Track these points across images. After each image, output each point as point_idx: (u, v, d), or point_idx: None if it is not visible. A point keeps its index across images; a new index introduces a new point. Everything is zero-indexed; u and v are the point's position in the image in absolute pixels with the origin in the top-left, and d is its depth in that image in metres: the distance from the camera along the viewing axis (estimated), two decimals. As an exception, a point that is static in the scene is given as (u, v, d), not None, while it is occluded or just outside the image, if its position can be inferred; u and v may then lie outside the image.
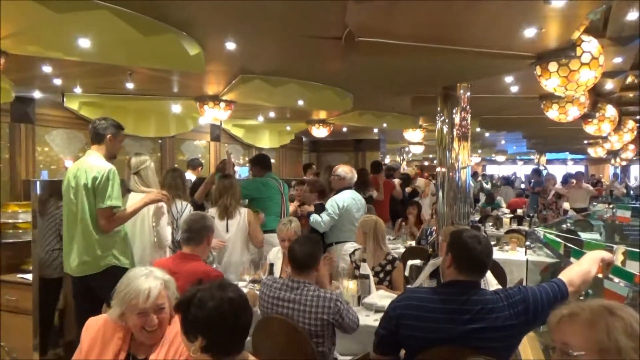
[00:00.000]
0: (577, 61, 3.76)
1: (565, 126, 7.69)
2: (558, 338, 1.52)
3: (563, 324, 1.52)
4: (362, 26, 3.16)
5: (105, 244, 3.58)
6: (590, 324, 1.48)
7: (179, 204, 4.49)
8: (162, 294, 2.10)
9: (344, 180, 5.33)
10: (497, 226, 8.42)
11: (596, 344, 1.45)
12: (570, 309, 1.54)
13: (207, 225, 3.23)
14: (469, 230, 2.54)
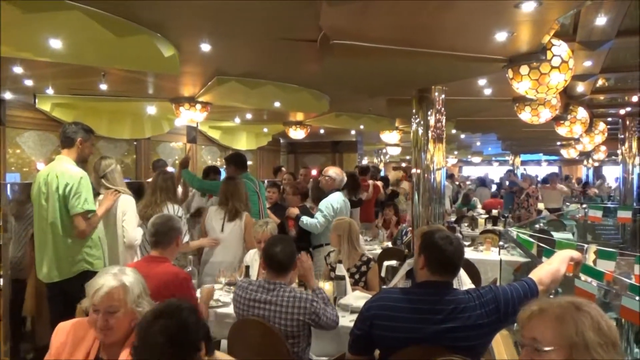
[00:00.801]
0: (547, 64, 3.84)
1: (538, 128, 7.84)
2: (528, 334, 1.54)
3: (532, 320, 1.54)
4: (337, 29, 3.18)
5: (77, 249, 3.55)
6: (559, 320, 1.51)
7: (170, 207, 4.43)
8: (114, 295, 2.01)
9: (334, 181, 5.37)
10: (472, 227, 8.54)
11: (565, 339, 1.48)
12: (539, 305, 1.57)
13: (175, 226, 3.17)
14: (441, 231, 2.58)
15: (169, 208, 4.41)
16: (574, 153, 13.61)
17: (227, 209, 4.64)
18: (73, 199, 3.50)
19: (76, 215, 3.52)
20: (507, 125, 8.97)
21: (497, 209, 10.76)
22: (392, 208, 6.99)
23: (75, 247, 3.57)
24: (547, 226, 9.06)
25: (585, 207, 10.75)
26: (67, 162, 3.62)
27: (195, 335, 1.67)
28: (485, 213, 10.54)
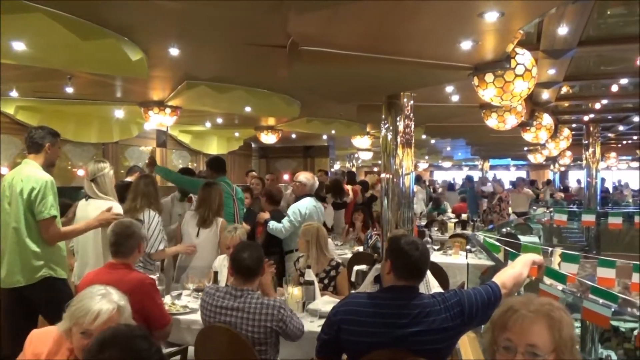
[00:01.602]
0: (511, 73, 3.93)
1: (506, 134, 8.00)
2: (522, 340, 1.51)
3: (526, 323, 1.52)
4: (305, 36, 3.21)
5: (41, 254, 3.48)
6: (551, 322, 1.52)
7: (146, 213, 4.34)
8: (112, 318, 1.98)
9: (305, 187, 5.37)
10: (442, 231, 8.65)
11: (555, 341, 1.51)
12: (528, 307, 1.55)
13: (136, 233, 3.11)
14: (407, 237, 2.61)
15: (146, 214, 4.33)
16: (541, 158, 13.92)
17: (200, 214, 4.64)
18: (40, 204, 3.43)
19: (43, 220, 3.45)
20: (475, 131, 9.13)
21: (466, 213, 10.95)
22: (362, 212, 7.03)
23: (39, 253, 3.48)
24: (514, 230, 9.25)
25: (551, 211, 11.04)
26: (34, 167, 3.55)
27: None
28: (455, 217, 10.69)
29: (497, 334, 1.56)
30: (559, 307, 1.55)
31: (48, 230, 3.47)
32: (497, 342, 1.57)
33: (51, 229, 3.48)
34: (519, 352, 1.50)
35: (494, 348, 1.59)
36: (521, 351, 1.49)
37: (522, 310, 1.54)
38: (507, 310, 1.56)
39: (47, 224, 3.47)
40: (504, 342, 1.53)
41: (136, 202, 4.36)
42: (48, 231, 3.47)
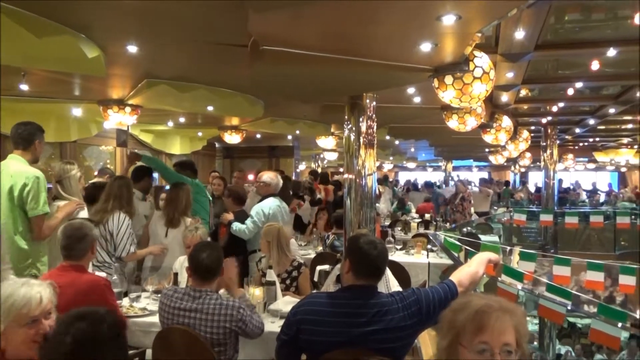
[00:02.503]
0: (470, 75, 4.00)
1: (467, 135, 8.15)
2: (498, 340, 1.50)
3: (499, 323, 1.52)
4: (266, 35, 3.20)
5: (29, 253, 3.47)
6: (516, 319, 1.54)
7: (116, 216, 4.28)
8: (52, 299, 2.02)
9: (269, 186, 5.35)
10: (405, 230, 8.73)
11: (520, 337, 1.53)
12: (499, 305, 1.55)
13: (89, 234, 3.07)
14: (366, 236, 2.64)
15: (115, 217, 4.28)
16: (501, 159, 14.25)
17: (167, 214, 4.65)
18: (32, 201, 3.43)
19: (36, 217, 3.46)
20: (437, 132, 9.27)
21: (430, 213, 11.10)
22: (326, 212, 7.05)
23: (27, 251, 3.49)
24: (475, 229, 9.44)
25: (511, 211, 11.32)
26: (22, 163, 3.55)
27: (105, 354, 1.58)
28: (418, 217, 10.83)
29: (468, 338, 1.52)
30: (514, 302, 1.60)
31: (40, 226, 3.49)
32: (467, 347, 1.52)
33: (43, 225, 3.51)
34: (496, 353, 1.48)
35: (455, 352, 1.54)
36: (497, 352, 1.49)
37: (497, 311, 1.53)
38: (477, 312, 1.53)
39: (39, 220, 3.48)
40: (479, 346, 1.50)
41: (108, 204, 4.32)
42: (40, 228, 3.49)
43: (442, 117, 6.46)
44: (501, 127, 8.08)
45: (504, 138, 8.43)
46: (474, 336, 1.51)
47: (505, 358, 1.48)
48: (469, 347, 1.52)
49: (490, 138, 8.24)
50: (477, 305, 1.55)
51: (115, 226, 4.25)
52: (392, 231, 8.19)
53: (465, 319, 1.54)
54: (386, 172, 24.88)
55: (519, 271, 3.91)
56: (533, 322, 6.45)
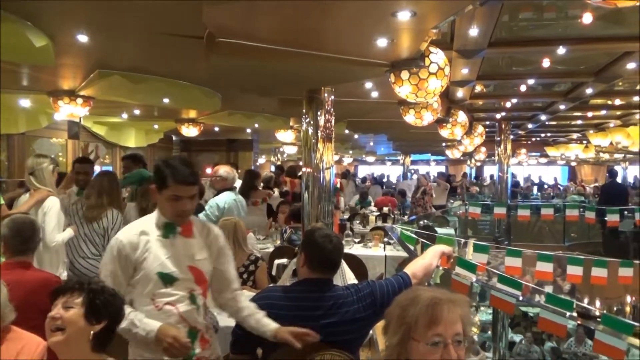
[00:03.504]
0: (425, 71, 4.06)
1: (424, 129, 8.26)
2: (450, 330, 1.52)
3: (451, 314, 1.52)
4: (221, 27, 3.16)
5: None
6: (463, 308, 1.56)
7: (109, 214, 4.29)
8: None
9: (225, 181, 5.28)
10: (363, 224, 8.81)
11: (466, 325, 1.55)
12: (448, 298, 1.56)
13: (37, 229, 3.01)
14: (321, 230, 2.66)
15: (109, 214, 4.30)
16: (458, 153, 14.54)
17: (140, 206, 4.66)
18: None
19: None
20: (395, 127, 9.37)
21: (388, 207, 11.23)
22: (287, 205, 7.03)
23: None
24: (432, 222, 9.62)
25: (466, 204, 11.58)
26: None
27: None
28: (377, 210, 10.94)
29: (421, 331, 1.52)
30: (469, 294, 1.63)
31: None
32: (420, 340, 1.52)
33: (2, 214, 3.48)
34: (449, 344, 1.49)
35: (407, 348, 1.54)
36: (450, 342, 1.50)
37: (447, 303, 1.54)
38: (429, 305, 1.53)
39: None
40: (433, 338, 1.51)
41: (102, 199, 4.30)
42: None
43: (399, 112, 6.53)
44: (457, 122, 8.24)
45: (460, 133, 8.60)
46: (427, 329, 1.51)
47: (456, 347, 1.50)
48: (422, 340, 1.51)
49: (447, 133, 8.39)
50: (427, 298, 1.55)
51: (110, 223, 4.28)
52: (350, 224, 8.26)
53: (417, 313, 1.53)
54: (346, 165, 25.03)
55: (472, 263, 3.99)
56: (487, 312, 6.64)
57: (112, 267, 2.26)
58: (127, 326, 2.11)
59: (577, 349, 7.43)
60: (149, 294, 2.25)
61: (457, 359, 1.50)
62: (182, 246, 2.34)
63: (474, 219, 11.68)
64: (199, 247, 2.39)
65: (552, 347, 7.67)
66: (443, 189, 12.82)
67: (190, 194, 2.29)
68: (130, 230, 2.33)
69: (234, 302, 2.50)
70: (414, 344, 1.53)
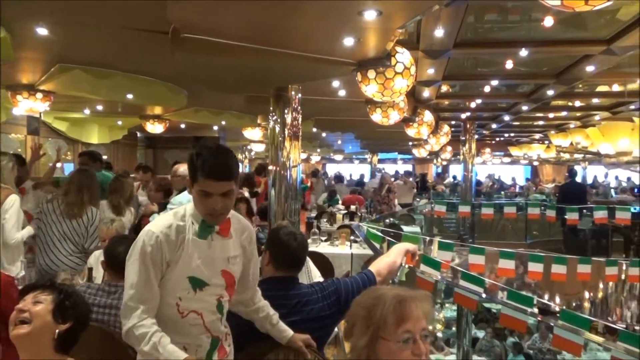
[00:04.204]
0: (391, 70, 4.10)
1: (390, 128, 8.33)
2: (418, 326, 1.53)
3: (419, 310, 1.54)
4: (186, 23, 3.11)
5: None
6: (429, 305, 1.58)
7: (89, 212, 4.30)
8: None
9: (186, 179, 5.19)
10: (331, 222, 8.84)
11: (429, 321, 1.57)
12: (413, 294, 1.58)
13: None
14: (286, 228, 2.66)
15: (89, 212, 4.30)
16: (424, 152, 14.72)
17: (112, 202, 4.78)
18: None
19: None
20: (362, 125, 9.42)
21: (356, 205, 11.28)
22: (245, 202, 6.94)
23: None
24: (398, 220, 9.71)
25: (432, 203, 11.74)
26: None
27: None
28: (344, 208, 10.98)
29: (391, 329, 1.52)
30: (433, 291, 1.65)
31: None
32: (390, 339, 1.52)
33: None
34: (418, 340, 1.51)
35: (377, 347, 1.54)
36: (419, 337, 1.51)
37: (413, 300, 1.55)
38: (397, 303, 1.54)
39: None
40: (404, 335, 1.51)
41: (82, 196, 4.28)
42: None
43: (366, 111, 6.57)
44: (423, 122, 8.33)
45: (426, 132, 8.71)
46: (396, 327, 1.52)
47: (424, 342, 1.52)
48: (392, 339, 1.52)
49: (413, 132, 8.48)
50: (392, 296, 1.56)
51: (90, 220, 4.29)
52: (317, 222, 8.28)
53: (385, 312, 1.53)
54: (314, 163, 25.05)
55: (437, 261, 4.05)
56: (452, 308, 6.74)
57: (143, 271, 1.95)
58: (149, 350, 1.90)
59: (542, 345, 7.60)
60: (175, 298, 2.01)
61: (425, 353, 1.52)
62: (219, 248, 2.10)
63: (439, 217, 11.86)
64: (234, 249, 2.16)
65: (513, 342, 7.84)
66: (410, 188, 12.95)
67: (222, 191, 1.99)
68: (165, 222, 2.04)
69: (252, 302, 2.34)
70: (383, 343, 1.53)
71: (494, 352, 7.70)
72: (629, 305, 8.98)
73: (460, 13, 4.34)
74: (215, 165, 1.99)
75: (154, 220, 2.13)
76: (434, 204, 10.61)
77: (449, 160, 20.15)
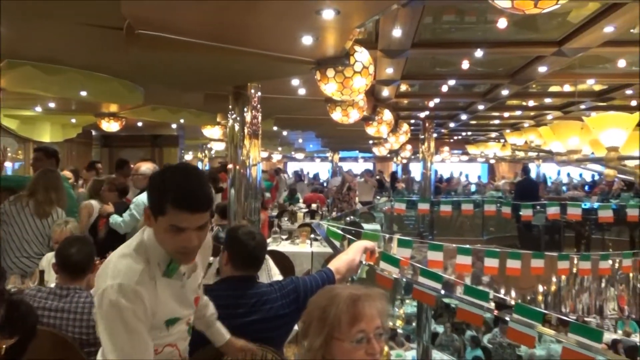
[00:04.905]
0: (350, 69, 4.12)
1: (351, 127, 8.39)
2: (372, 324, 1.52)
3: (372, 310, 1.53)
4: (141, 19, 3.04)
5: None
6: (383, 303, 1.58)
7: (54, 213, 4.23)
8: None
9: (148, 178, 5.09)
10: (292, 220, 8.83)
11: (384, 319, 1.56)
12: (366, 293, 1.57)
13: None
14: (244, 227, 2.64)
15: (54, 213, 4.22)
16: (384, 151, 14.87)
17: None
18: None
19: None
20: (323, 124, 9.44)
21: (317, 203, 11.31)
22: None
23: None
24: (359, 218, 9.79)
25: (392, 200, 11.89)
26: None
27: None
28: (305, 207, 10.99)
29: (345, 329, 1.51)
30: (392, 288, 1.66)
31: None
32: (344, 339, 1.51)
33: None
34: (371, 339, 1.50)
35: (331, 348, 1.54)
36: (373, 337, 1.51)
37: (367, 300, 1.54)
38: (350, 303, 1.53)
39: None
40: (357, 335, 1.51)
41: (50, 195, 4.23)
42: None
43: (326, 109, 6.59)
44: (383, 120, 8.42)
45: (386, 130, 8.80)
46: (350, 327, 1.52)
47: (378, 340, 1.52)
48: (346, 339, 1.52)
49: (373, 130, 8.56)
50: (346, 296, 1.56)
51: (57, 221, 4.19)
52: (279, 221, 8.26)
53: (338, 312, 1.53)
54: (275, 162, 24.96)
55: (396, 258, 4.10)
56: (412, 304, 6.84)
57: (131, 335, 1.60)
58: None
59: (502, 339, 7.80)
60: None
61: (379, 351, 1.52)
62: (192, 279, 1.85)
63: (399, 215, 12.02)
64: (200, 270, 1.91)
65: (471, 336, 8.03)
66: (371, 186, 13.05)
67: (197, 225, 1.64)
68: (133, 269, 1.66)
69: (205, 308, 2.18)
70: (337, 343, 1.53)
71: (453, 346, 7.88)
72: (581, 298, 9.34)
73: (417, 14, 4.41)
74: (190, 193, 1.62)
75: (115, 269, 1.68)
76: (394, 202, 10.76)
77: (408, 158, 20.43)
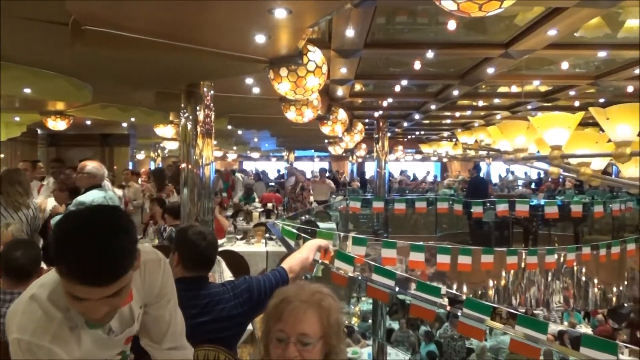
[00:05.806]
0: (303, 68, 4.12)
1: (306, 126, 8.39)
2: (293, 329, 1.52)
3: (294, 313, 1.54)
4: (87, 14, 2.96)
5: None
6: (320, 310, 1.56)
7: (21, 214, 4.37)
8: None
9: (94, 178, 4.93)
10: (247, 220, 8.78)
11: (324, 328, 1.56)
12: (298, 297, 1.57)
13: None
14: (194, 227, 2.62)
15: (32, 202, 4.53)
16: (340, 150, 14.95)
17: None
18: None
19: None
20: (278, 123, 9.41)
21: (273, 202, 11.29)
22: (157, 202, 6.74)
23: None
24: (314, 217, 9.84)
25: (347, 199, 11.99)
26: None
27: None
28: (262, 206, 10.95)
29: (271, 325, 1.56)
30: (328, 293, 1.62)
31: None
32: (270, 334, 1.56)
33: None
34: (291, 342, 1.52)
35: (268, 340, 1.58)
36: (293, 341, 1.52)
37: (295, 302, 1.55)
38: (281, 302, 1.57)
39: None
40: (278, 334, 1.54)
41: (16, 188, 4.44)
42: None
43: (281, 108, 6.57)
44: (337, 120, 8.47)
45: (340, 130, 8.86)
46: (275, 324, 1.55)
47: (300, 348, 1.52)
48: (273, 336, 1.56)
49: (328, 129, 8.60)
50: (284, 295, 1.59)
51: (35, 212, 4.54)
52: (234, 221, 8.20)
53: (271, 308, 1.58)
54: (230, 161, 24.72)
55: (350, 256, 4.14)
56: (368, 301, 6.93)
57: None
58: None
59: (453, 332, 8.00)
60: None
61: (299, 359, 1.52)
62: (119, 320, 1.62)
63: (354, 213, 12.13)
64: (136, 302, 1.67)
65: (425, 331, 8.21)
66: (328, 187, 13.11)
67: (103, 295, 1.36)
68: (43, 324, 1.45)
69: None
70: (270, 337, 1.57)
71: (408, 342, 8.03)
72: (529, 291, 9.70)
73: (369, 14, 4.46)
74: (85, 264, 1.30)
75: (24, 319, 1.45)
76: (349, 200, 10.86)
77: (363, 157, 20.63)
